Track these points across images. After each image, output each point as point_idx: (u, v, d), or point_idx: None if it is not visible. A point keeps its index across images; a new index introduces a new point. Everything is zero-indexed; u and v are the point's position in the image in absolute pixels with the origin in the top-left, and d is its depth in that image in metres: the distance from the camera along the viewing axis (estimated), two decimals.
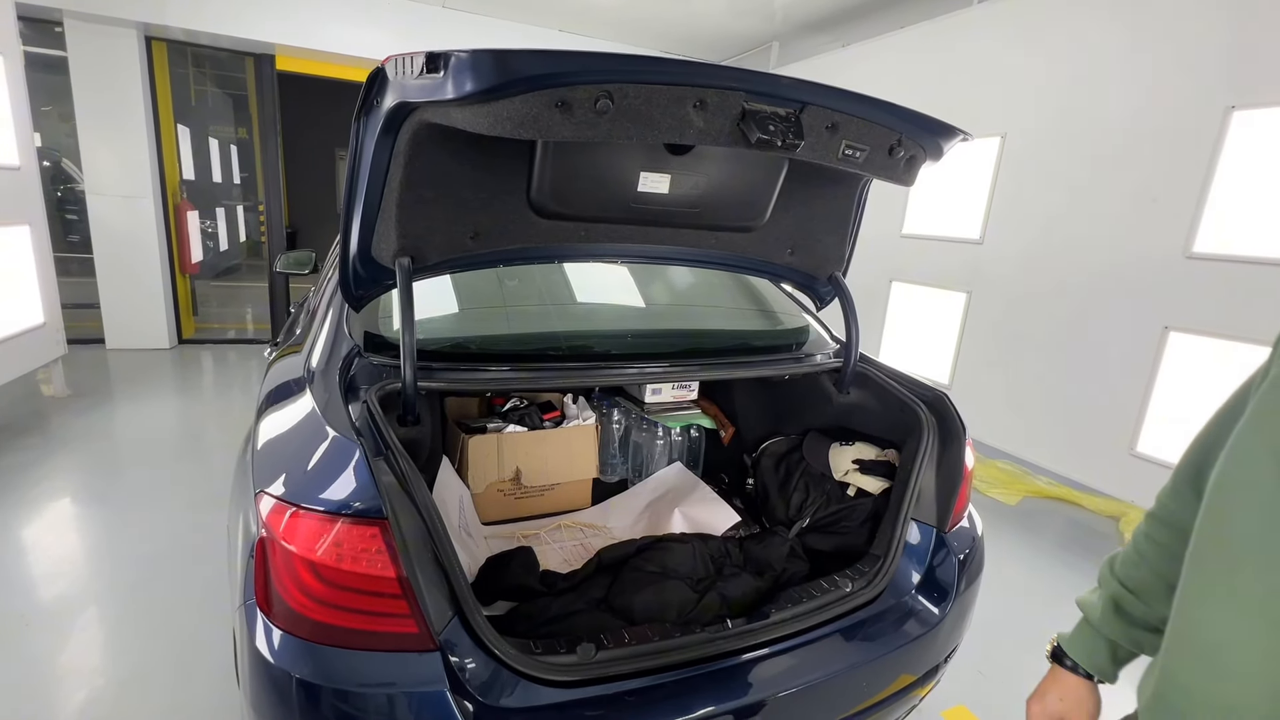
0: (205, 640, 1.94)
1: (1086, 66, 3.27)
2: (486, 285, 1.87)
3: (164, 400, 4.06)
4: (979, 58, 3.86)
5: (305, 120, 8.70)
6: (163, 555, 2.37)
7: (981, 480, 3.52)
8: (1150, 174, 2.99)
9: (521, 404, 1.99)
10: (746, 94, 1.00)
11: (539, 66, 0.90)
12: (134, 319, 5.02)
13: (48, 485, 2.84)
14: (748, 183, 1.45)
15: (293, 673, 0.93)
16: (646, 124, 0.98)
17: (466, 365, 1.40)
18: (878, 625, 1.30)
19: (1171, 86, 2.90)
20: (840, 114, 1.09)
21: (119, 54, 4.55)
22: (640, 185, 1.32)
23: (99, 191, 4.74)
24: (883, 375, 1.65)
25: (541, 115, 0.93)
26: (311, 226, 9.77)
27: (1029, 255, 3.58)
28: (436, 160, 1.19)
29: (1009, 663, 2.09)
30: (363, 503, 0.97)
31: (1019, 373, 3.66)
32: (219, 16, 4.52)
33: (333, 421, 1.10)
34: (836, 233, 1.65)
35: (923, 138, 1.21)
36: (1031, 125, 3.55)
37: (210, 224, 6.01)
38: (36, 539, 2.45)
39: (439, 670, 0.96)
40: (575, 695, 1.03)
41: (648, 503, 1.96)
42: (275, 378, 1.44)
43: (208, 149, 5.78)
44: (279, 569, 0.97)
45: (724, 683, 1.12)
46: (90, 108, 4.58)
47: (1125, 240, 3.09)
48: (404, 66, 0.96)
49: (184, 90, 5.59)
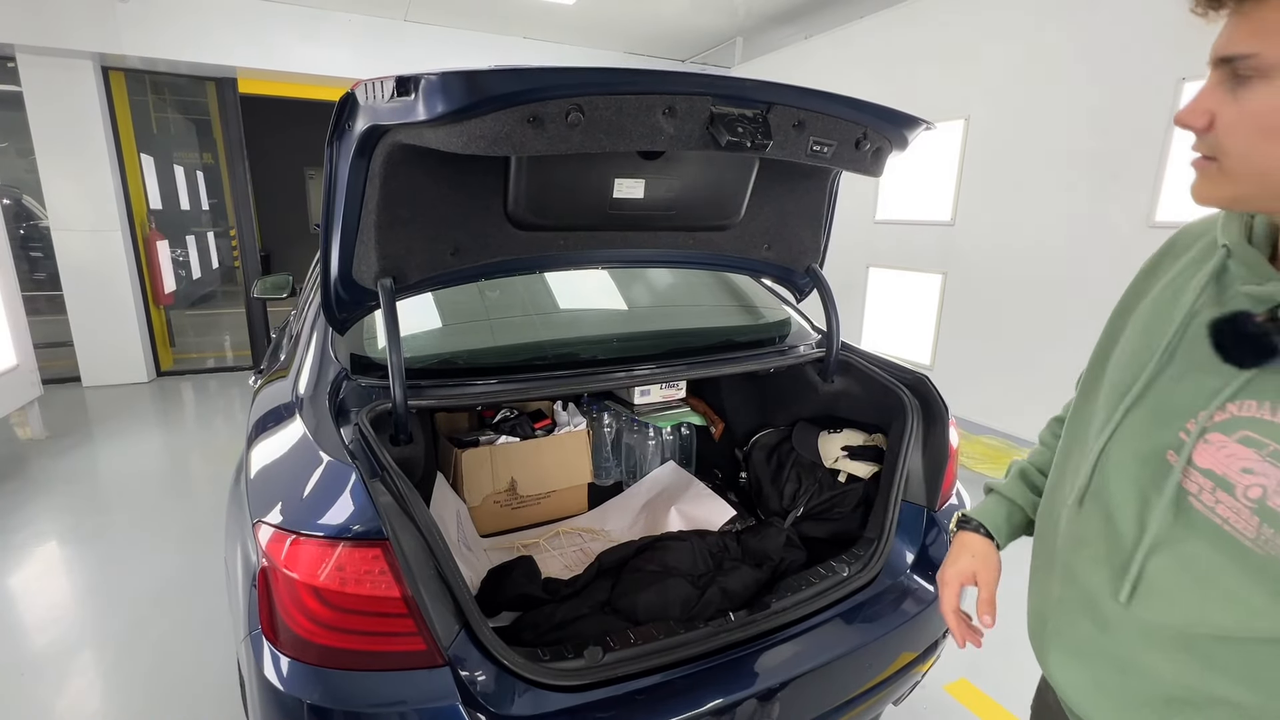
0: (207, 675, 1.93)
1: (1043, 45, 3.35)
2: (469, 299, 1.87)
3: (146, 435, 3.99)
4: (939, 42, 3.93)
5: (272, 141, 8.58)
6: (157, 593, 2.34)
7: (969, 456, 3.59)
8: (1110, 147, 3.07)
9: (512, 415, 1.99)
10: (714, 98, 1.03)
11: (509, 84, 0.91)
12: (109, 354, 4.92)
13: (31, 530, 2.79)
14: (721, 182, 1.47)
15: (304, 699, 0.94)
16: (618, 134, 0.99)
17: (455, 381, 1.40)
18: (876, 606, 1.33)
19: (1125, 61, 2.98)
20: (805, 111, 1.11)
21: (76, 86, 4.47)
22: (616, 191, 1.33)
23: (64, 227, 4.64)
24: (865, 362, 1.68)
25: (514, 132, 0.94)
26: (286, 248, 9.65)
27: (1000, 233, 3.66)
28: (412, 180, 1.19)
29: (1008, 633, 2.13)
30: (362, 525, 0.98)
31: (999, 348, 3.74)
32: (176, 43, 4.46)
33: (325, 446, 1.10)
34: (811, 226, 1.69)
35: (887, 129, 1.24)
36: (994, 106, 3.63)
37: (181, 253, 5.90)
38: (24, 586, 2.40)
39: (450, 685, 0.97)
40: (586, 699, 1.04)
41: (644, 503, 1.98)
42: (263, 405, 1.43)
43: (174, 177, 5.67)
44: (283, 597, 0.97)
45: (731, 674, 1.14)
46: (49, 142, 4.49)
47: (1090, 213, 3.18)
48: (374, 91, 0.96)
49: (145, 119, 5.48)
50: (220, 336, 6.81)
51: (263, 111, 6.53)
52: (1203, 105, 0.55)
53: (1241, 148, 0.53)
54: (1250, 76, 0.51)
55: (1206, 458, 0.59)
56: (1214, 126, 0.55)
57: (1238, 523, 0.57)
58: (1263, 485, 0.55)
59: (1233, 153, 0.54)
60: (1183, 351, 0.64)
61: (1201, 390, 0.60)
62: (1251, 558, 0.56)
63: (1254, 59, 0.50)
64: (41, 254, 6.07)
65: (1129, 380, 0.67)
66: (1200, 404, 0.60)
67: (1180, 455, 0.61)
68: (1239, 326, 0.58)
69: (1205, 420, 0.59)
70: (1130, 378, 0.67)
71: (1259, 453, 0.55)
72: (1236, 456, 0.57)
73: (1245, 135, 0.53)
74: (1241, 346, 0.58)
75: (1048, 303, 3.42)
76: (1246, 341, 0.57)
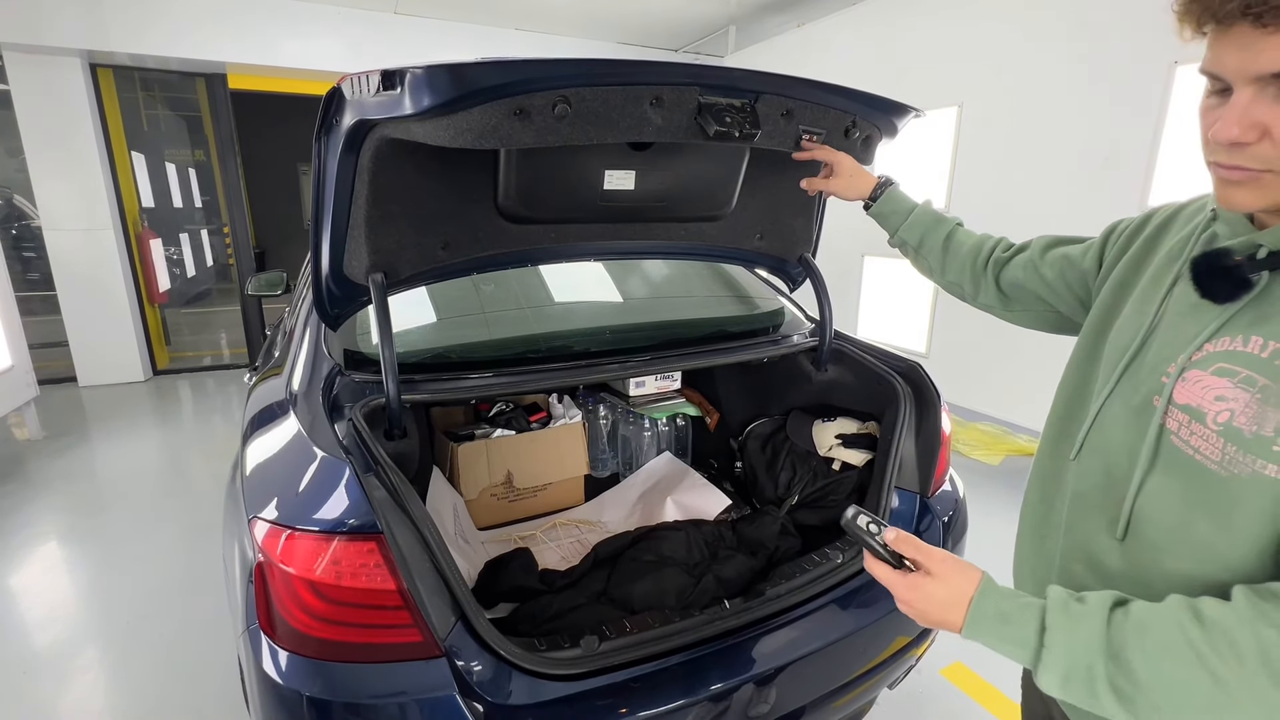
0: (209, 671, 1.94)
1: (1036, 31, 3.34)
2: (462, 293, 1.87)
3: (144, 434, 4.00)
4: (932, 29, 3.91)
5: (264, 137, 8.53)
6: (157, 590, 2.35)
7: (964, 443, 3.61)
8: (1103, 133, 3.07)
9: (507, 408, 2.00)
10: (701, 88, 1.02)
11: (495, 77, 0.91)
12: (105, 354, 4.91)
13: (31, 530, 2.80)
14: (712, 172, 1.47)
15: (303, 692, 0.95)
16: (606, 125, 0.99)
17: (449, 375, 1.41)
18: (870, 592, 1.35)
19: (1117, 46, 2.97)
20: (794, 100, 1.11)
21: (64, 83, 4.43)
22: (606, 183, 1.33)
23: (56, 226, 4.62)
24: (858, 350, 1.69)
25: (501, 125, 0.94)
26: (280, 245, 9.61)
27: (993, 220, 3.63)
28: (401, 174, 1.19)
29: None
30: (357, 519, 0.98)
31: (993, 336, 3.75)
32: (164, 39, 4.41)
33: (319, 442, 1.11)
34: (803, 215, 1.69)
35: (876, 117, 1.24)
36: (987, 93, 3.62)
37: (175, 251, 5.87)
38: (26, 585, 2.41)
39: (446, 675, 0.98)
40: (582, 687, 1.05)
41: (640, 494, 1.99)
42: (258, 402, 1.43)
43: (166, 174, 5.63)
44: (279, 591, 0.98)
45: (726, 661, 1.15)
46: (39, 141, 4.46)
47: (1084, 200, 3.17)
48: (360, 85, 0.96)
49: (135, 116, 5.44)
50: (216, 334, 6.80)
51: (254, 107, 6.48)
52: (1252, 119, 0.54)
53: None
54: None
55: (1184, 394, 0.62)
56: (1267, 138, 0.54)
57: (1207, 450, 0.59)
58: (1230, 409, 0.57)
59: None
60: (1171, 306, 0.68)
61: (1185, 335, 0.64)
62: (1216, 482, 0.58)
63: None
64: (34, 254, 6.04)
65: (1126, 342, 0.71)
66: (1183, 348, 0.63)
67: (1163, 396, 0.64)
68: (1216, 261, 0.62)
69: (1185, 360, 0.63)
70: (1127, 340, 0.71)
71: (1231, 380, 0.58)
72: (1211, 387, 0.60)
73: None
74: (1217, 280, 0.61)
75: None
76: (1221, 274, 0.61)
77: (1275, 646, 0.50)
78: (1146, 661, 0.54)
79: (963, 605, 0.64)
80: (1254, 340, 0.58)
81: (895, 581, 0.68)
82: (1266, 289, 0.59)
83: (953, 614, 0.64)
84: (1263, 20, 0.50)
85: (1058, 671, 0.57)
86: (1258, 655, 0.50)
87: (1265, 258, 0.59)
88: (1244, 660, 0.50)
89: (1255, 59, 0.52)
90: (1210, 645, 0.52)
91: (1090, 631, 0.57)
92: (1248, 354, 0.58)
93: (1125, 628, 0.56)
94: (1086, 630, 0.57)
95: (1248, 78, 0.53)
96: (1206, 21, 0.54)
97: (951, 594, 0.65)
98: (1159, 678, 0.53)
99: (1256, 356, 0.57)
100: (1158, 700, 0.54)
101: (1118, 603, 0.58)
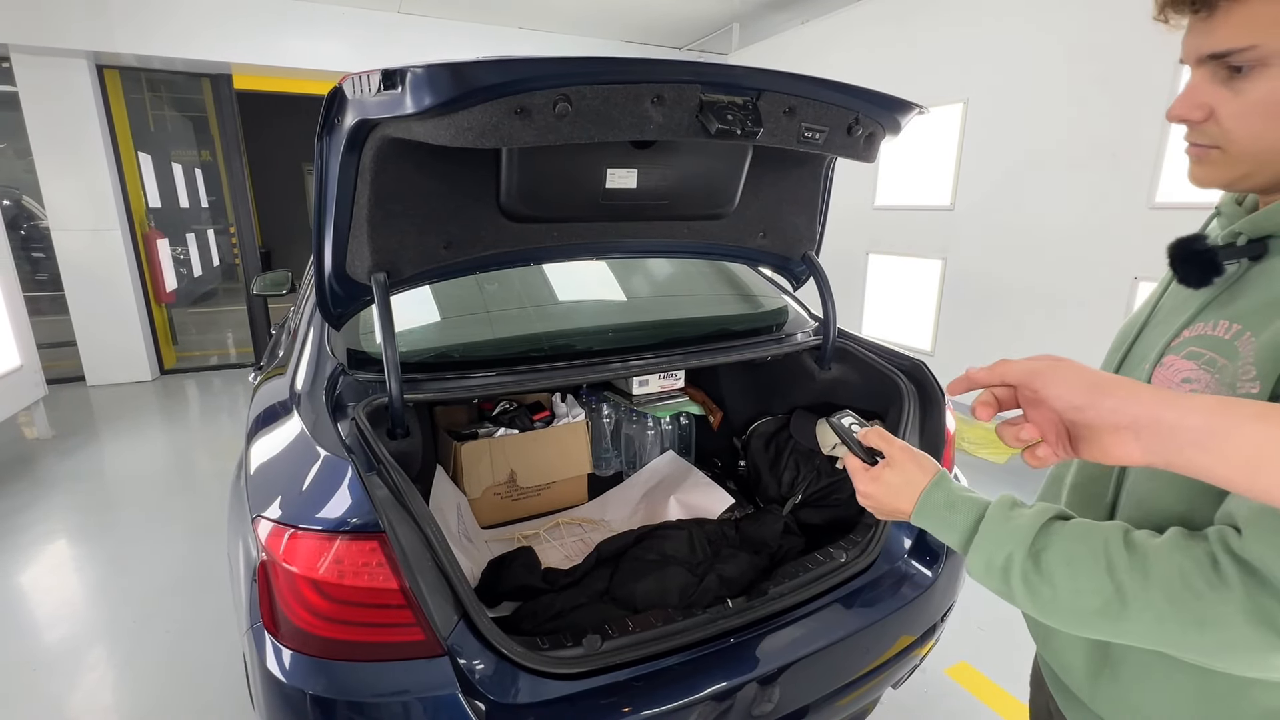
0: (216, 668, 1.95)
1: (1041, 27, 3.31)
2: (465, 291, 1.88)
3: (151, 433, 4.02)
4: (937, 25, 3.89)
5: (269, 137, 8.55)
6: (165, 587, 2.37)
7: (970, 442, 3.59)
8: (1110, 129, 3.04)
9: (510, 407, 2.00)
10: (702, 85, 1.02)
11: (495, 75, 0.91)
12: (113, 353, 4.95)
13: (41, 529, 2.82)
14: (714, 170, 1.47)
15: (306, 690, 0.95)
16: (606, 124, 0.99)
17: (452, 374, 1.41)
18: (874, 591, 1.34)
19: (1124, 41, 2.95)
20: (796, 98, 1.10)
21: (71, 85, 4.46)
22: (608, 182, 1.33)
23: (64, 227, 4.65)
24: (862, 349, 1.68)
25: (502, 124, 0.94)
26: (285, 244, 9.64)
27: (1000, 217, 3.63)
28: (403, 174, 1.19)
29: (1008, 617, 2.15)
30: (359, 518, 0.99)
31: (999, 333, 3.73)
32: (170, 40, 4.44)
33: (322, 441, 1.11)
34: (806, 213, 1.68)
35: (879, 114, 1.23)
36: (992, 89, 3.59)
37: (182, 251, 5.90)
38: (34, 583, 2.43)
39: (449, 674, 0.98)
40: (585, 686, 1.05)
41: (643, 493, 1.99)
42: (262, 401, 1.44)
43: (172, 175, 5.65)
44: (283, 590, 0.99)
45: (729, 660, 1.15)
46: (46, 142, 4.49)
47: (1090, 195, 3.15)
48: (361, 85, 0.96)
49: (142, 117, 5.46)
50: (223, 334, 6.83)
51: (259, 107, 6.50)
52: (1197, 99, 0.59)
53: (1246, 134, 0.57)
54: (1253, 66, 0.55)
55: (1160, 377, 0.64)
56: (1212, 118, 0.58)
57: None
58: (1196, 390, 0.59)
59: (1239, 139, 0.58)
60: (1166, 299, 0.71)
61: (1169, 327, 0.67)
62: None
63: (1253, 51, 0.54)
64: (43, 254, 6.08)
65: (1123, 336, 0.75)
66: (1165, 339, 0.66)
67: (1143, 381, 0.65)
68: (1190, 246, 0.65)
69: (1163, 347, 0.65)
70: (1124, 332, 0.75)
71: (1197, 363, 0.60)
72: (1180, 370, 0.62)
73: (1250, 122, 0.56)
74: (1190, 264, 0.64)
75: (1048, 287, 3.41)
76: (1194, 259, 0.64)
77: (1181, 572, 0.52)
78: (1061, 563, 0.57)
79: (915, 492, 0.67)
80: (1221, 324, 0.60)
81: (858, 472, 0.72)
82: (1245, 275, 0.61)
83: (904, 501, 0.68)
84: (1195, 7, 0.56)
85: (981, 557, 0.62)
86: (1163, 576, 0.53)
87: (1245, 245, 0.61)
88: (1149, 577, 0.53)
89: (1198, 43, 0.58)
90: (1126, 562, 0.54)
91: (1020, 528, 0.60)
92: (1214, 337, 0.60)
93: (1057, 533, 0.59)
94: (1016, 526, 0.60)
95: (1194, 60, 0.59)
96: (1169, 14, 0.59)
97: (905, 481, 0.68)
98: (1068, 578, 0.56)
99: (1220, 339, 0.59)
100: (1059, 595, 0.57)
101: (1060, 515, 0.61)
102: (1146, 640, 0.54)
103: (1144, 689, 0.64)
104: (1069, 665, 0.72)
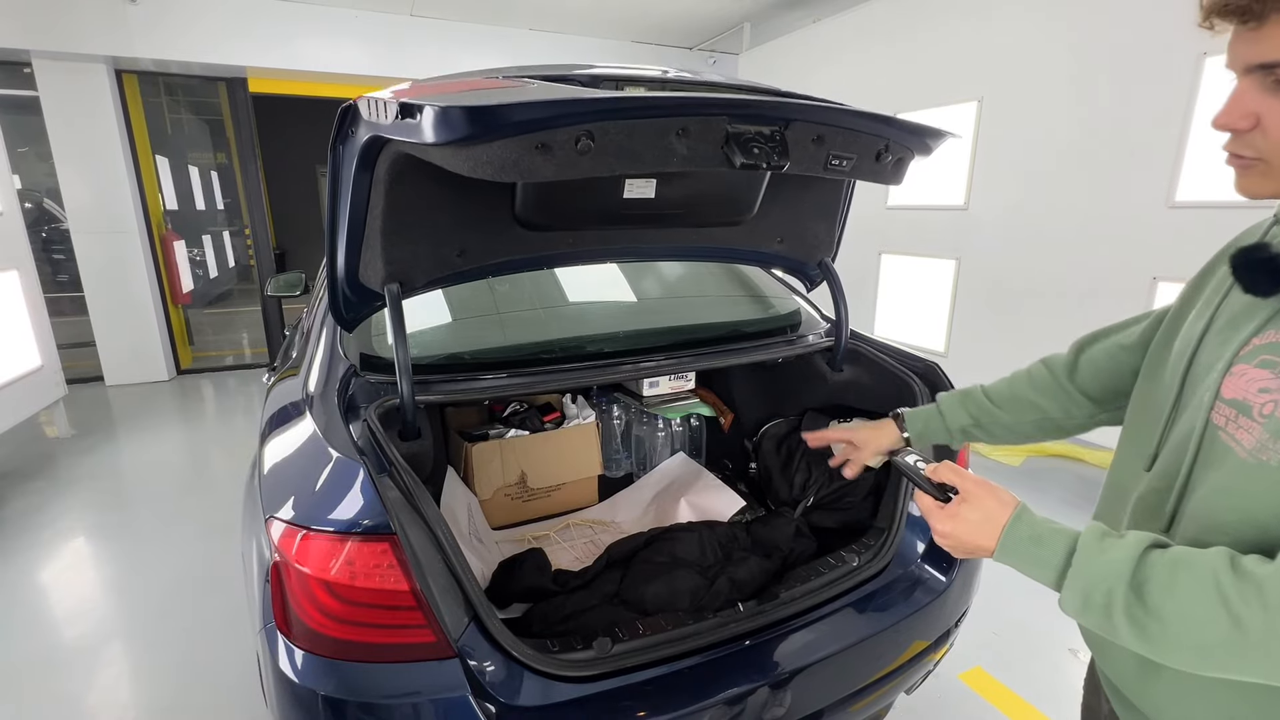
0: (231, 666, 1.97)
1: (1057, 23, 3.27)
2: (477, 293, 1.88)
3: (168, 432, 4.08)
4: (950, 22, 3.85)
5: (284, 140, 8.65)
6: (181, 586, 2.40)
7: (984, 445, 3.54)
8: (1128, 126, 2.99)
9: (521, 408, 2.00)
10: (730, 117, 0.98)
11: (517, 115, 0.87)
12: (131, 354, 5.02)
13: (60, 526, 2.87)
14: (735, 180, 1.45)
15: (318, 690, 0.96)
16: (630, 158, 0.95)
17: (463, 376, 1.41)
18: (887, 596, 1.33)
19: (1144, 37, 2.90)
20: (825, 126, 1.07)
21: (90, 89, 4.53)
22: (627, 192, 1.31)
23: (83, 229, 4.73)
24: (874, 350, 1.67)
25: (522, 159, 0.91)
26: (300, 246, 9.74)
27: (1014, 217, 3.59)
28: (418, 185, 1.18)
29: (1023, 622, 2.12)
30: (371, 520, 0.99)
31: (1013, 334, 3.68)
32: (187, 45, 4.50)
33: (334, 442, 1.12)
34: (826, 220, 1.66)
35: (910, 140, 1.20)
36: (1006, 87, 3.55)
37: (198, 252, 5.98)
38: (54, 580, 2.47)
39: (459, 676, 0.98)
40: (595, 689, 1.05)
41: (653, 495, 1.98)
42: (275, 402, 1.45)
43: (189, 177, 5.74)
44: (295, 591, 0.99)
45: (740, 664, 1.14)
46: (66, 145, 4.57)
47: (1108, 194, 3.10)
48: (377, 110, 0.94)
49: (159, 120, 5.55)
50: (238, 334, 6.92)
51: (274, 110, 6.57)
52: (1244, 108, 0.59)
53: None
54: None
55: (1231, 388, 0.62)
56: (1259, 127, 0.58)
57: (1247, 441, 0.59)
58: (1276, 399, 0.57)
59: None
60: (1225, 308, 0.69)
61: (1234, 336, 0.65)
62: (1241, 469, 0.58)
63: None
64: (64, 256, 6.19)
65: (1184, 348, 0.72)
66: (1232, 347, 0.64)
67: (1211, 392, 0.64)
68: (1255, 254, 0.64)
69: (1231, 356, 0.63)
70: (1184, 345, 0.72)
71: (1272, 371, 0.58)
72: (1256, 380, 0.60)
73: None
74: (1256, 273, 0.63)
75: (1065, 288, 3.36)
76: (1261, 267, 0.62)
77: None
78: (1168, 596, 0.54)
79: (996, 529, 0.65)
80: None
81: (932, 511, 0.69)
82: None
83: (986, 538, 0.65)
84: (1244, 18, 0.56)
85: (1078, 592, 0.59)
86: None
87: None
88: (1268, 609, 0.51)
89: (1246, 51, 0.57)
90: (1238, 591, 0.52)
91: (1118, 560, 0.58)
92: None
93: (1157, 563, 0.56)
94: (1114, 558, 0.58)
95: (1241, 69, 0.59)
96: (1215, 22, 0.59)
97: (985, 517, 0.66)
98: (1178, 612, 0.54)
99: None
100: (1172, 631, 0.54)
101: (1157, 544, 0.59)
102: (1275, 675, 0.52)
103: (1193, 689, 0.63)
104: (1122, 670, 0.71)
